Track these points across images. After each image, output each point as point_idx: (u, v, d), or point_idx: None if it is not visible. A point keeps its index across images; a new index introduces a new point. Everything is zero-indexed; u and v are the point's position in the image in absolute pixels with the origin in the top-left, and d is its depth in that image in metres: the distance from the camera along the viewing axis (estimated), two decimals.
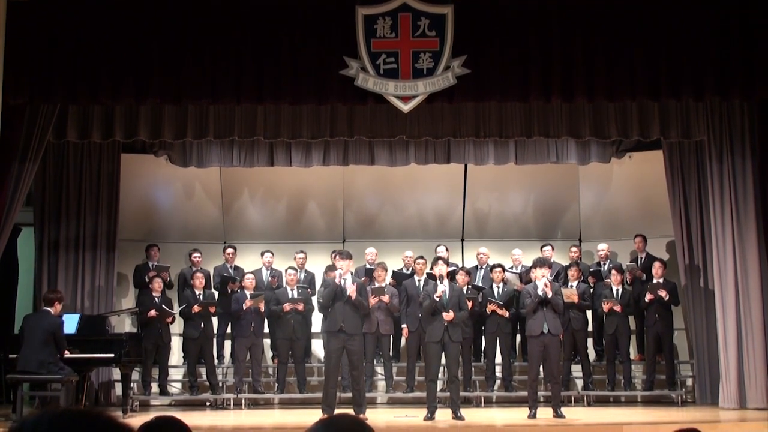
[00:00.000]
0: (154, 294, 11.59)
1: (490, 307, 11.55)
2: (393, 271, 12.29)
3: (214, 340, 12.14)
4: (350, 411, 8.81)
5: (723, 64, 9.45)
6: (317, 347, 12.16)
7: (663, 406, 11.45)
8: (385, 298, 11.44)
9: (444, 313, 9.61)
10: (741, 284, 10.59)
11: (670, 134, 11.09)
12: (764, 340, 10.46)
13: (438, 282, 9.80)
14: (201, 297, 11.76)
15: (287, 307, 11.58)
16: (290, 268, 12.09)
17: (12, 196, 10.02)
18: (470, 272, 12.10)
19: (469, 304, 10.66)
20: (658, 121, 10.98)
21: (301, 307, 11.61)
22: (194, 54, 9.41)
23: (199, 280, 11.91)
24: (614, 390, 11.86)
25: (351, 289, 9.71)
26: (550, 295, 9.79)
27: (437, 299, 9.64)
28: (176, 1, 9.56)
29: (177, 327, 12.19)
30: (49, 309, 9.77)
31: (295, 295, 11.76)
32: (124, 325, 12.36)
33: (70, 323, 10.30)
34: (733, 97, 9.97)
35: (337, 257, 10.06)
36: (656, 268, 11.76)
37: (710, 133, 10.88)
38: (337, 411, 9.11)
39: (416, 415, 10.03)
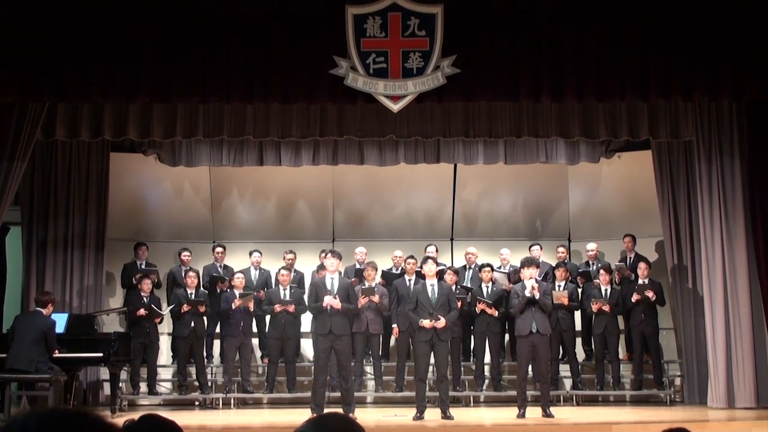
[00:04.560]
0: (143, 294, 11.56)
1: (479, 307, 11.55)
2: (382, 270, 12.29)
3: (204, 339, 12.11)
4: (339, 410, 8.81)
5: (712, 64, 9.48)
6: (307, 347, 12.15)
7: (652, 406, 11.48)
8: (375, 298, 11.43)
9: (435, 321, 9.62)
10: (729, 284, 10.62)
11: (659, 134, 11.13)
12: (752, 339, 10.50)
13: (426, 281, 9.87)
14: (194, 296, 11.74)
15: (278, 308, 11.56)
16: (283, 268, 12.03)
17: (0, 195, 9.98)
18: (458, 272, 12.11)
19: (458, 304, 10.68)
20: (647, 121, 11.01)
21: (292, 308, 11.58)
22: (184, 53, 9.38)
23: (191, 280, 11.86)
24: (603, 389, 11.88)
25: (335, 304, 9.74)
26: (537, 296, 9.82)
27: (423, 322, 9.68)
28: (166, 0, 9.54)
29: (166, 326, 12.17)
30: (41, 310, 9.77)
31: (288, 296, 11.72)
32: (113, 324, 12.32)
33: (59, 322, 10.27)
34: (722, 97, 10.01)
35: (329, 255, 10.06)
36: (641, 269, 11.80)
37: (699, 133, 10.92)
38: (326, 410, 9.11)
39: (405, 415, 10.04)
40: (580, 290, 12.10)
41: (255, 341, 12.44)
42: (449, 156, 12.47)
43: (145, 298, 11.54)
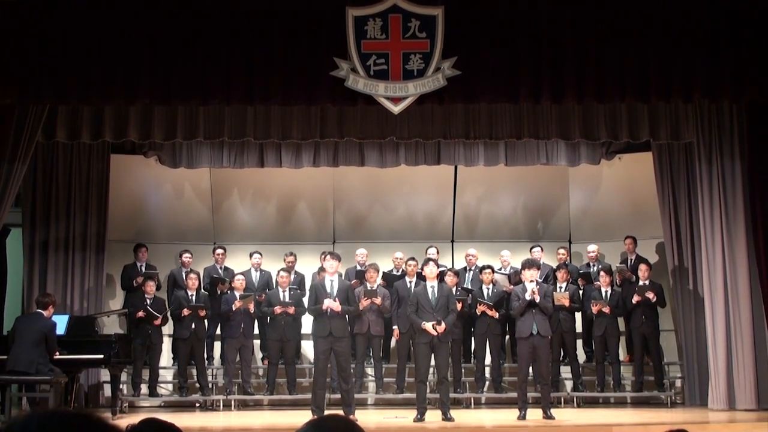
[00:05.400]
0: (146, 296, 11.56)
1: (480, 308, 11.54)
2: (383, 272, 12.28)
3: (205, 341, 12.10)
4: (340, 412, 8.81)
5: (712, 65, 9.48)
6: (307, 348, 12.15)
7: (652, 407, 11.48)
8: (378, 300, 11.42)
9: (436, 326, 9.61)
10: (730, 285, 10.61)
11: (660, 136, 11.12)
12: (753, 340, 10.49)
13: (427, 282, 9.86)
14: (194, 298, 11.74)
15: (278, 309, 11.55)
16: (283, 270, 12.03)
17: (1, 197, 9.98)
18: (458, 273, 12.09)
19: (458, 306, 10.67)
20: (648, 122, 11.00)
21: (292, 310, 11.58)
22: (184, 54, 9.38)
23: (192, 282, 11.87)
24: (604, 391, 11.86)
25: (335, 306, 9.74)
26: (537, 300, 9.82)
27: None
28: (166, 1, 9.54)
29: (167, 328, 12.15)
30: (42, 311, 9.77)
31: (287, 298, 11.72)
32: (114, 326, 12.31)
33: (60, 324, 10.27)
34: (722, 98, 10.01)
35: (328, 257, 10.08)
36: (642, 271, 11.79)
37: (699, 134, 10.91)
38: (326, 412, 9.11)
39: (406, 416, 10.04)
40: (581, 292, 12.09)
41: (256, 343, 12.42)
42: (450, 158, 12.46)
43: (148, 300, 11.54)
